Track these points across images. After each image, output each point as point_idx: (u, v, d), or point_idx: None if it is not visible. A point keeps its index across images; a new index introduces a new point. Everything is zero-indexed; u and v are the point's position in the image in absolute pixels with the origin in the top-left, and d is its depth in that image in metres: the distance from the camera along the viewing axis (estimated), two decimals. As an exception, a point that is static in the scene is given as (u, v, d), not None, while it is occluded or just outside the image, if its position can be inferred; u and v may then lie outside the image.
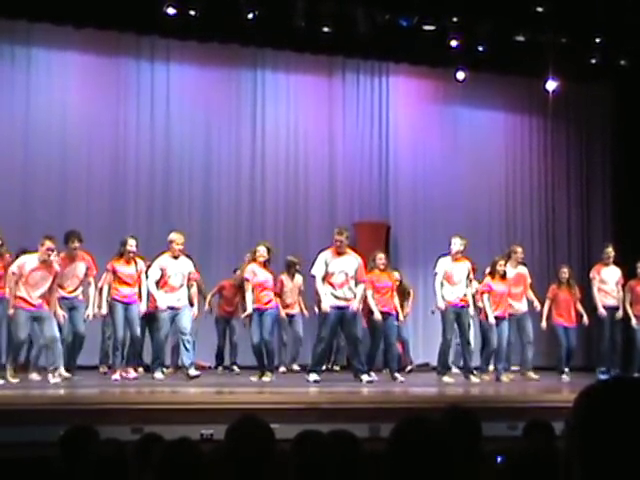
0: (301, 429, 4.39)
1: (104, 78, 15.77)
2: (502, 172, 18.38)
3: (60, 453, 5.04)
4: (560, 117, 18.54)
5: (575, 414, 1.85)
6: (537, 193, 18.63)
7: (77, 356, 12.19)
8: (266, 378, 12.35)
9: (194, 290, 12.72)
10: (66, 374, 11.55)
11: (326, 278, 12.27)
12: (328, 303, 12.17)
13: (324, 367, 13.41)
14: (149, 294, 12.38)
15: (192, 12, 14.58)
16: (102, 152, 15.66)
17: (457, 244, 13.13)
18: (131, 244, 12.23)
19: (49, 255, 11.35)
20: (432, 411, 8.68)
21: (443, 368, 13.19)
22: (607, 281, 14.17)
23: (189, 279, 12.51)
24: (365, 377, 12.15)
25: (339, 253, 12.34)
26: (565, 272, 14.19)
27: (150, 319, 13.00)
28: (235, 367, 14.48)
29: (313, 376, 12.14)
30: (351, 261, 12.40)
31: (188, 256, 12.69)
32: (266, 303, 12.50)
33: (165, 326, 12.34)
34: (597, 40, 16.14)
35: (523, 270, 13.95)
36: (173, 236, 12.44)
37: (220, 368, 14.58)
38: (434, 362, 15.24)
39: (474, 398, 11.19)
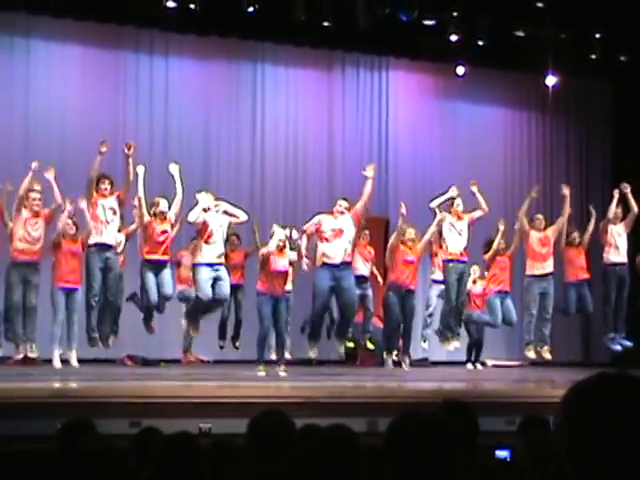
0: (300, 423, 4.39)
1: (103, 71, 15.77)
2: (501, 167, 18.39)
3: (57, 446, 5.04)
4: (560, 112, 18.54)
5: (563, 411, 1.85)
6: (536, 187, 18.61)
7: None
8: (282, 372, 12.26)
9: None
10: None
11: (318, 234, 12.26)
12: (316, 262, 12.22)
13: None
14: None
15: (192, 5, 14.56)
16: (101, 145, 15.64)
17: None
18: (163, 205, 12.09)
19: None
20: (430, 405, 8.69)
21: (449, 332, 13.18)
22: (617, 236, 13.97)
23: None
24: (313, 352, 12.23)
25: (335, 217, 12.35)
26: (575, 235, 14.07)
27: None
28: (237, 344, 14.26)
29: (312, 352, 12.19)
30: (345, 219, 12.37)
31: None
32: (282, 290, 12.19)
33: (206, 288, 11.89)
34: (597, 35, 16.14)
35: (549, 232, 13.78)
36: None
37: (222, 342, 14.40)
38: (432, 357, 15.31)
39: (472, 392, 11.19)
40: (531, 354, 13.37)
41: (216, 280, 11.94)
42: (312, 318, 12.49)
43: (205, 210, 11.97)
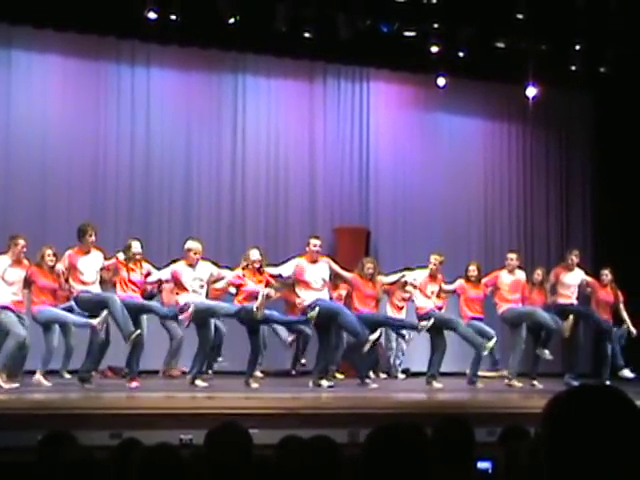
0: (282, 435, 4.39)
1: (84, 82, 15.73)
2: (481, 178, 18.42)
3: (37, 458, 5.02)
4: (540, 124, 18.59)
5: (543, 424, 1.86)
6: (516, 199, 18.67)
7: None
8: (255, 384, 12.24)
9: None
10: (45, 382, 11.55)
11: (303, 285, 12.36)
12: None
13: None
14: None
15: (173, 17, 14.55)
16: (82, 156, 15.60)
17: (439, 262, 13.17)
18: (135, 247, 11.88)
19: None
20: (411, 417, 8.69)
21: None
22: (569, 285, 13.94)
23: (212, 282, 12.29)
24: (324, 382, 12.19)
25: (314, 261, 12.41)
26: (539, 274, 14.11)
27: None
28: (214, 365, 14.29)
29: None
30: (324, 267, 12.48)
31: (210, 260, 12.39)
32: None
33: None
34: (577, 47, 16.21)
35: (520, 275, 13.64)
36: (189, 244, 12.09)
37: (210, 372, 14.42)
38: (414, 368, 15.32)
39: (452, 403, 11.20)
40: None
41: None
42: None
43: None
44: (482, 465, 5.60)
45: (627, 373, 13.59)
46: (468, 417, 5.03)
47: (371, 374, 14.12)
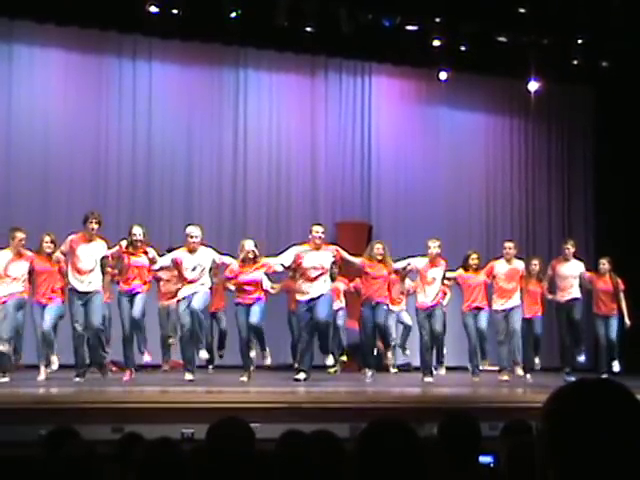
0: (283, 429, 4.38)
1: (86, 76, 15.74)
2: (483, 172, 18.42)
3: (42, 453, 5.02)
4: (541, 118, 18.59)
5: (543, 417, 1.85)
6: (518, 193, 18.68)
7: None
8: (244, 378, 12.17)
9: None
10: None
11: (299, 272, 12.25)
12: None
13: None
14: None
15: (174, 11, 14.58)
16: (84, 150, 15.62)
17: (435, 247, 13.05)
18: (135, 231, 11.77)
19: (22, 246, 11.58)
20: (412, 411, 8.70)
21: (425, 369, 13.15)
22: (566, 276, 13.86)
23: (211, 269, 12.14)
24: (302, 375, 12.09)
25: (316, 248, 12.28)
26: (535, 264, 14.03)
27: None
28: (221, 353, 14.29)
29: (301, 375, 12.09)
30: (325, 255, 12.34)
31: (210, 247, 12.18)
32: (250, 299, 12.07)
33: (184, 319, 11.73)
34: (579, 41, 16.21)
35: (518, 265, 13.57)
36: (187, 229, 11.93)
37: (210, 367, 14.35)
38: (415, 362, 15.31)
39: (455, 398, 11.19)
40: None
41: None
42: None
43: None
44: (484, 459, 5.60)
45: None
46: (471, 411, 5.03)
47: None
